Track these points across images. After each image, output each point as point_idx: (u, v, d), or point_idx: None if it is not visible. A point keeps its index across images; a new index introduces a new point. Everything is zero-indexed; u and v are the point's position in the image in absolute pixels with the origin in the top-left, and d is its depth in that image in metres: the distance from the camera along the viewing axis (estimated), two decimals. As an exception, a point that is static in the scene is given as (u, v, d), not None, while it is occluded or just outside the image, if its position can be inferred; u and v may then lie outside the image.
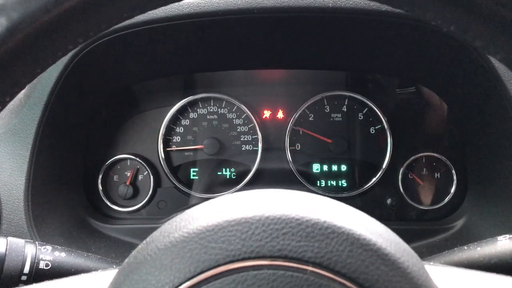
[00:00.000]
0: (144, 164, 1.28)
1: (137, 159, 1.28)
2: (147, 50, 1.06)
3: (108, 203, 1.27)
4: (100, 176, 1.27)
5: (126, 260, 0.49)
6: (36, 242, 0.76)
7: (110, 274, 0.55)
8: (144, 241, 0.49)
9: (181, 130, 1.31)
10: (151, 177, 1.28)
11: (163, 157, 1.29)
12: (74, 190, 1.18)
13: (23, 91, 1.00)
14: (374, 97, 1.26)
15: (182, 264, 0.45)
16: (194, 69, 1.23)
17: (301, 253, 0.45)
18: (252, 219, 0.47)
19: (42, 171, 1.01)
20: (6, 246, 0.72)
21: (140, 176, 1.29)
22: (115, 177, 1.29)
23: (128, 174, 1.29)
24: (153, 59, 1.12)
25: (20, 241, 0.75)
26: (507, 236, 0.75)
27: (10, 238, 0.74)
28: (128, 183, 1.27)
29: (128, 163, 1.29)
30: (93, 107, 1.17)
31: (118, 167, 1.29)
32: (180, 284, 0.44)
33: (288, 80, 1.32)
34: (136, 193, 1.28)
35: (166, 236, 0.48)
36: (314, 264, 0.44)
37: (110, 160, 1.27)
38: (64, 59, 0.98)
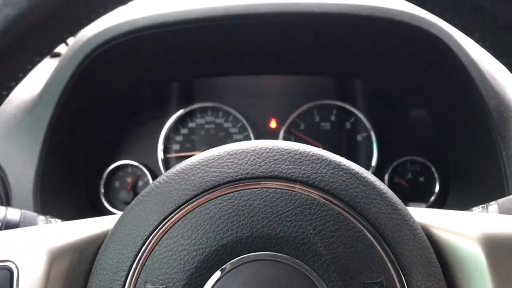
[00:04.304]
0: (145, 171, 1.35)
1: (138, 165, 1.35)
2: (151, 56, 1.16)
3: (109, 207, 1.32)
4: (103, 182, 1.33)
5: None
6: (47, 216, 0.83)
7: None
8: None
9: (180, 139, 1.39)
10: (151, 182, 1.33)
11: (163, 164, 1.36)
12: (78, 192, 1.24)
13: (37, 91, 1.09)
14: (361, 106, 1.36)
15: (187, 186, 0.52)
16: (191, 75, 1.33)
17: (289, 173, 0.52)
18: (248, 149, 0.54)
19: (50, 167, 1.08)
20: (20, 216, 0.78)
21: (140, 182, 1.36)
22: (117, 183, 1.36)
23: (129, 180, 1.35)
24: (155, 65, 1.22)
25: (33, 214, 0.81)
26: (480, 206, 0.81)
27: (23, 210, 0.80)
28: (129, 188, 1.34)
29: (129, 170, 1.36)
30: (97, 112, 1.26)
31: (120, 173, 1.36)
32: (186, 202, 0.51)
33: (279, 88, 1.41)
34: (136, 198, 1.33)
35: (173, 169, 0.55)
36: (301, 183, 0.52)
37: (112, 166, 1.34)
38: (75, 62, 1.07)
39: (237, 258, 0.49)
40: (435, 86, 1.17)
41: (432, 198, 1.30)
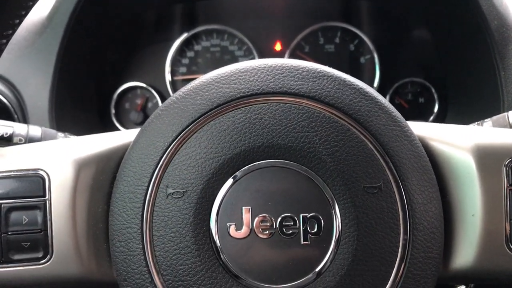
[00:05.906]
0: (153, 92, 1.39)
1: (147, 87, 1.39)
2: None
3: (120, 128, 1.38)
4: (113, 103, 1.38)
5: None
6: (66, 133, 0.88)
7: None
8: None
9: (187, 61, 1.41)
10: (160, 104, 1.38)
11: (171, 86, 1.40)
12: (90, 113, 1.29)
13: (45, 13, 1.11)
14: (365, 28, 1.37)
15: (202, 100, 0.56)
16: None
17: (297, 89, 0.56)
18: (258, 67, 0.58)
19: (63, 88, 1.12)
20: (42, 132, 0.83)
21: (149, 103, 1.40)
22: (127, 105, 1.40)
23: (139, 101, 1.40)
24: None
25: (52, 130, 0.86)
26: (476, 123, 0.85)
27: (43, 127, 0.85)
28: (139, 109, 1.38)
29: (138, 92, 1.40)
30: (105, 34, 1.28)
31: (129, 95, 1.40)
32: (201, 115, 0.56)
33: (285, 9, 1.41)
34: (146, 119, 1.38)
35: (188, 85, 0.59)
36: (308, 98, 0.56)
37: (122, 88, 1.38)
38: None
39: (249, 165, 0.54)
40: (438, 4, 1.18)
41: (431, 118, 1.35)
